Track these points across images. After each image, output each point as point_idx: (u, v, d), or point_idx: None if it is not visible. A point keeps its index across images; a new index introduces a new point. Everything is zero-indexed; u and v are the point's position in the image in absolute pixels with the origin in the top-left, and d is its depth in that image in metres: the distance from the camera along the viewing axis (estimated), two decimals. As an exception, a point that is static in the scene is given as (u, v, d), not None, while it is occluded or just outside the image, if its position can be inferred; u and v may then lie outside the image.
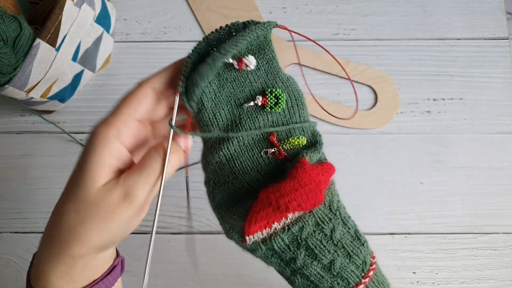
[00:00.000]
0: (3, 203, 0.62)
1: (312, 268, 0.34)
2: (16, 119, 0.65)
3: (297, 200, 0.32)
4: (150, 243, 0.32)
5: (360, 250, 0.36)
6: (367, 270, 0.35)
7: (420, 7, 0.68)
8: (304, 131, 0.36)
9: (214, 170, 0.35)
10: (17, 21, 0.48)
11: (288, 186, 0.32)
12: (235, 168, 0.34)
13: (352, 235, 0.36)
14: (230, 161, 0.34)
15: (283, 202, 0.32)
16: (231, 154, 0.34)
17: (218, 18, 0.68)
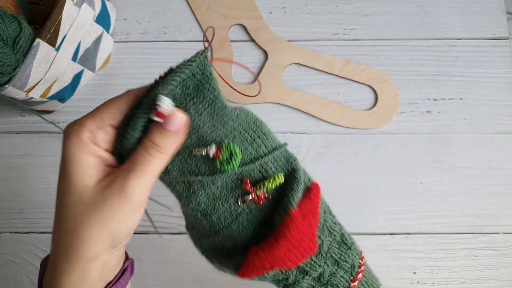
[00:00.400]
0: (3, 203, 0.62)
1: (303, 282, 0.34)
2: (16, 119, 0.65)
3: (292, 261, 0.31)
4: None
5: (348, 255, 0.35)
6: (355, 273, 0.35)
7: (420, 7, 0.68)
8: (277, 159, 0.33)
9: (192, 223, 0.33)
10: (17, 21, 0.48)
11: (281, 249, 0.30)
12: (214, 223, 0.32)
13: (338, 241, 0.35)
14: (206, 216, 0.32)
15: (278, 266, 0.31)
16: (203, 208, 0.32)
17: (218, 18, 0.68)
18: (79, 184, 0.29)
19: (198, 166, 0.31)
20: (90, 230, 0.29)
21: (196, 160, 0.31)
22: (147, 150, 0.29)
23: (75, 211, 0.29)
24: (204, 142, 0.31)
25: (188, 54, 0.69)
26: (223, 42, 0.67)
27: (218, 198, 0.32)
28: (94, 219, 0.28)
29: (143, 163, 0.29)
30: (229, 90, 0.65)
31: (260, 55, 0.67)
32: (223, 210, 0.32)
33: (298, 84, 0.65)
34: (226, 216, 0.32)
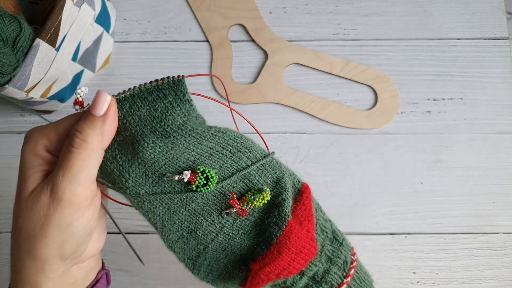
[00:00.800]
0: (3, 203, 0.62)
1: (300, 282, 0.34)
2: (16, 119, 0.65)
3: (296, 268, 0.32)
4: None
5: (340, 251, 0.36)
6: (348, 269, 0.36)
7: (420, 7, 0.68)
8: (261, 169, 0.33)
9: (181, 248, 0.33)
10: (17, 21, 0.48)
11: (285, 260, 0.31)
12: (200, 238, 0.32)
13: (330, 238, 0.36)
14: (192, 233, 0.32)
15: (283, 275, 0.31)
16: (187, 226, 0.32)
17: (218, 18, 0.68)
18: (23, 191, 0.27)
19: (173, 187, 0.30)
20: (35, 239, 0.27)
21: (170, 182, 0.30)
22: (71, 141, 0.27)
23: (22, 220, 0.27)
24: (176, 163, 0.29)
25: (188, 54, 0.70)
26: (223, 42, 0.67)
27: (200, 214, 0.32)
28: (35, 227, 0.27)
29: (67, 158, 0.26)
30: (229, 90, 0.65)
31: (260, 55, 0.67)
32: (207, 224, 0.32)
33: (298, 84, 0.65)
34: (211, 229, 0.32)
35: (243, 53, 0.67)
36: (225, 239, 0.33)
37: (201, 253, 0.33)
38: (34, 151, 0.28)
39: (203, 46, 0.67)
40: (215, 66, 0.66)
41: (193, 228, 0.32)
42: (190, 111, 0.29)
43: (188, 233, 0.32)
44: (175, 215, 0.31)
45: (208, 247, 0.33)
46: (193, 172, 0.30)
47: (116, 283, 0.59)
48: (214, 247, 0.33)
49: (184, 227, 0.32)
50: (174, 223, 0.31)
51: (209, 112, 0.65)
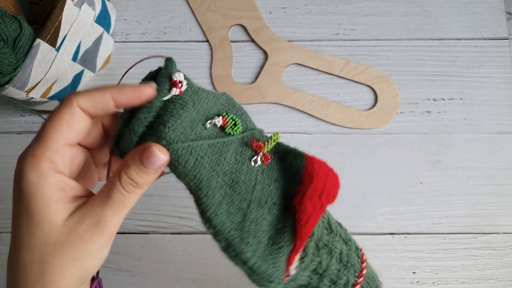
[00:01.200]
0: (3, 203, 0.63)
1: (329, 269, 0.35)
2: (16, 119, 0.65)
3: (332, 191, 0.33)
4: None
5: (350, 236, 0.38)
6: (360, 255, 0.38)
7: (420, 7, 0.68)
8: (261, 135, 0.36)
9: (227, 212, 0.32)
10: (17, 21, 0.48)
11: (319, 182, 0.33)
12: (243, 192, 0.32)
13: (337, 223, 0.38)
14: (235, 185, 0.32)
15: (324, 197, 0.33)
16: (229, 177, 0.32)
17: (218, 18, 0.68)
18: (44, 223, 0.26)
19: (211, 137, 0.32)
20: (60, 272, 0.26)
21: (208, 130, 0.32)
22: (126, 188, 0.27)
23: (42, 253, 0.26)
24: (205, 115, 0.32)
25: (188, 54, 0.70)
26: (223, 42, 0.67)
27: (237, 163, 0.33)
28: (66, 259, 0.26)
29: (119, 199, 0.27)
30: (229, 90, 0.65)
31: (260, 55, 0.67)
32: (245, 173, 0.33)
33: (298, 84, 0.66)
34: (250, 178, 0.33)
35: (243, 53, 0.67)
36: (262, 188, 0.33)
37: (246, 214, 0.32)
38: (44, 179, 0.26)
39: (203, 46, 0.67)
40: (215, 66, 0.66)
41: (235, 178, 0.32)
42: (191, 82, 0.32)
43: (231, 188, 0.32)
44: (218, 167, 0.31)
45: (251, 203, 0.32)
46: (222, 117, 0.33)
47: (116, 283, 0.59)
48: (256, 201, 0.33)
49: (227, 180, 0.32)
50: (218, 175, 0.31)
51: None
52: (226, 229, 0.31)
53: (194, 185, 0.30)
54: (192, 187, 0.30)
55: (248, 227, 0.32)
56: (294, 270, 0.33)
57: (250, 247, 0.31)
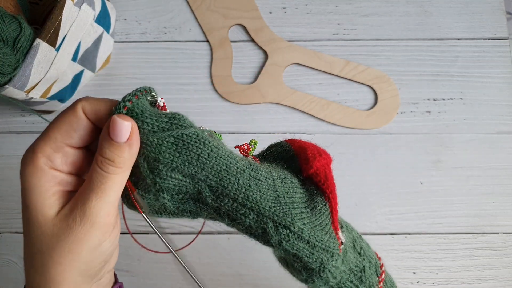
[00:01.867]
0: (3, 203, 0.62)
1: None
2: (16, 119, 0.65)
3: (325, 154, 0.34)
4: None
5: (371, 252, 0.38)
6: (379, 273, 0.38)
7: (420, 7, 0.68)
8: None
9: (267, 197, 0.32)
10: (17, 21, 0.48)
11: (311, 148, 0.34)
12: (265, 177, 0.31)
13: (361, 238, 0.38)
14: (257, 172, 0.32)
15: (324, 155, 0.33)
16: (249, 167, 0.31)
17: (218, 18, 0.68)
18: (40, 217, 0.26)
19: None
20: (58, 265, 0.26)
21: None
22: (100, 166, 0.27)
23: (41, 246, 0.26)
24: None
25: (188, 54, 0.70)
26: (223, 42, 0.67)
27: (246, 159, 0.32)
28: (61, 253, 0.26)
29: (99, 180, 0.26)
30: (229, 90, 0.66)
31: (260, 55, 0.67)
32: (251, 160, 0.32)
33: (298, 84, 0.65)
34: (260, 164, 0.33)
35: (243, 53, 0.67)
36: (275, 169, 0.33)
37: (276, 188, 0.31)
38: (39, 174, 0.27)
39: (203, 46, 0.67)
40: (215, 66, 0.66)
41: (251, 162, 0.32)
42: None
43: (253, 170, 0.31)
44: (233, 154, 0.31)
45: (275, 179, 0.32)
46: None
47: (116, 283, 0.59)
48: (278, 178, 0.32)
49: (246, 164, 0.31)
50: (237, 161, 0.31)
51: (209, 112, 0.65)
52: (265, 208, 0.30)
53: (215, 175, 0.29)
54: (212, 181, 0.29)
55: (284, 200, 0.31)
56: (342, 236, 0.33)
57: (296, 216, 0.31)
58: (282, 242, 0.31)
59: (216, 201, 0.30)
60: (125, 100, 0.27)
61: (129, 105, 0.27)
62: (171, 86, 0.66)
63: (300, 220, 0.31)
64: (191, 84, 0.66)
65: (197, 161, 0.29)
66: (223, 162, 0.29)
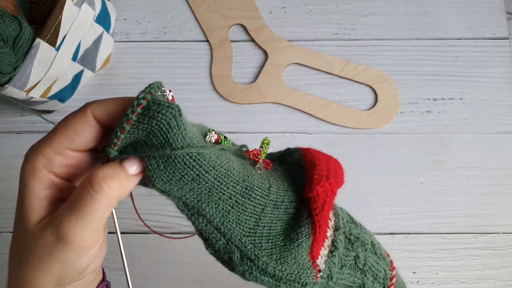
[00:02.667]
0: (3, 203, 0.62)
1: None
2: (16, 119, 0.65)
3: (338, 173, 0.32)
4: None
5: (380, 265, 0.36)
6: (387, 285, 0.36)
7: (420, 7, 0.68)
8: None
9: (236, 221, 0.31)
10: (17, 21, 0.48)
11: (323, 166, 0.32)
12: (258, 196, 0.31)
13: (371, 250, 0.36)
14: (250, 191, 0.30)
15: (333, 177, 0.31)
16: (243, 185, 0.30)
17: (218, 18, 0.68)
18: (24, 217, 0.26)
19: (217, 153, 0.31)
20: (30, 268, 0.26)
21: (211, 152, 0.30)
22: (91, 184, 0.25)
23: (19, 245, 0.27)
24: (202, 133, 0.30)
25: (188, 54, 0.70)
26: (223, 42, 0.67)
27: (246, 170, 0.31)
28: (34, 258, 0.26)
29: (85, 202, 0.25)
30: (229, 90, 0.66)
31: (260, 55, 0.67)
32: (257, 179, 0.31)
33: (298, 84, 0.66)
34: (263, 181, 0.31)
35: (243, 53, 0.67)
36: (278, 188, 0.32)
37: (259, 218, 0.31)
38: (36, 175, 0.26)
39: (203, 46, 0.67)
40: (215, 66, 0.66)
41: (248, 186, 0.30)
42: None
43: (243, 196, 0.30)
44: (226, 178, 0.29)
45: (265, 206, 0.31)
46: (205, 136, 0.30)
47: (116, 283, 0.59)
48: (272, 204, 0.31)
49: (239, 189, 0.30)
50: (228, 187, 0.29)
51: (209, 112, 0.65)
52: (237, 236, 0.30)
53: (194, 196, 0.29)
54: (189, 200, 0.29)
55: (262, 230, 0.31)
56: (323, 264, 0.31)
57: (264, 251, 0.30)
58: (245, 274, 0.30)
59: (191, 218, 0.30)
60: (139, 98, 0.26)
61: (144, 103, 0.26)
62: (171, 86, 0.66)
63: (267, 256, 0.30)
64: (191, 84, 0.66)
65: (178, 180, 0.28)
66: (206, 186, 0.28)
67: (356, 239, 0.34)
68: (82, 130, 0.27)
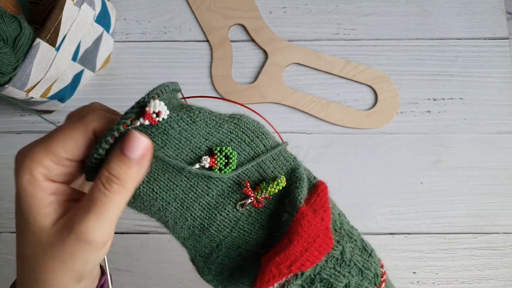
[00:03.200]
0: (3, 203, 0.62)
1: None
2: (16, 119, 0.65)
3: (310, 260, 0.29)
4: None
5: (370, 263, 0.34)
6: (379, 283, 0.34)
7: (420, 7, 0.68)
8: (276, 159, 0.32)
9: (193, 245, 0.31)
10: (17, 21, 0.48)
11: (297, 249, 0.28)
12: (213, 235, 0.30)
13: (359, 247, 0.33)
14: (204, 230, 0.30)
15: (296, 268, 0.28)
16: (199, 223, 0.30)
17: (218, 18, 0.68)
18: (35, 224, 0.26)
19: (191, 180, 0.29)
20: (52, 271, 0.26)
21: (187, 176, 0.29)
22: (106, 184, 0.25)
23: (35, 251, 0.26)
24: (199, 151, 0.29)
25: (188, 54, 0.70)
26: (223, 42, 0.67)
27: (215, 208, 0.30)
28: (55, 261, 0.26)
29: (101, 202, 0.25)
30: (229, 90, 0.66)
31: (260, 55, 0.67)
32: (221, 219, 0.30)
33: (298, 84, 0.65)
34: (225, 224, 0.30)
35: (243, 53, 0.67)
36: (240, 234, 0.31)
37: (214, 250, 0.31)
38: (35, 184, 0.26)
39: (203, 46, 0.67)
40: (215, 66, 0.66)
41: (206, 224, 0.30)
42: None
43: (200, 230, 0.30)
44: (188, 211, 0.29)
45: (221, 245, 0.31)
46: (211, 156, 0.28)
47: (116, 283, 0.59)
48: (228, 244, 0.31)
49: (197, 224, 0.30)
50: (186, 220, 0.30)
51: (209, 112, 0.65)
52: (192, 253, 0.32)
53: (163, 221, 0.30)
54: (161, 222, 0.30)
55: (214, 260, 0.31)
56: None
57: (211, 272, 0.31)
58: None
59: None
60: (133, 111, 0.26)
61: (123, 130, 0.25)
62: (171, 86, 0.66)
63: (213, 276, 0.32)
64: (191, 84, 0.66)
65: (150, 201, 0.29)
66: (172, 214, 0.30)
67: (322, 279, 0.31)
68: (83, 144, 0.26)
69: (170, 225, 0.30)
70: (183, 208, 0.29)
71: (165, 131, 0.27)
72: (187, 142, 0.28)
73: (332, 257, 0.31)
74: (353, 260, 0.32)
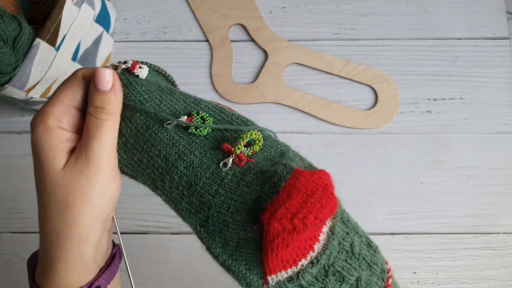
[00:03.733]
0: (3, 203, 0.62)
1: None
2: (16, 119, 0.65)
3: (313, 212, 0.28)
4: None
5: (377, 258, 0.33)
6: (386, 278, 0.33)
7: (420, 7, 0.68)
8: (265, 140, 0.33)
9: (188, 210, 0.32)
10: (17, 20, 0.48)
11: (296, 201, 0.28)
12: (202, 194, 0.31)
13: (365, 242, 0.33)
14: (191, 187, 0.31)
15: (298, 221, 0.27)
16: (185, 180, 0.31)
17: (218, 18, 0.68)
18: (52, 169, 0.29)
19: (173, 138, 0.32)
20: (76, 208, 0.29)
21: (168, 133, 0.32)
22: (95, 114, 0.30)
23: (55, 195, 0.29)
24: (177, 115, 0.32)
25: (188, 54, 0.70)
26: (223, 42, 0.67)
27: (199, 167, 0.31)
28: (75, 195, 0.29)
29: (96, 127, 0.30)
30: (229, 90, 0.66)
31: (260, 55, 0.67)
32: (206, 177, 0.31)
33: (298, 84, 0.65)
34: (211, 182, 0.31)
35: (243, 53, 0.67)
36: (227, 193, 0.31)
37: (209, 216, 0.31)
38: (50, 132, 0.30)
39: (203, 46, 0.67)
40: (215, 66, 0.66)
41: (192, 182, 0.31)
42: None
43: (188, 190, 0.31)
44: (173, 168, 0.31)
45: (211, 206, 0.31)
46: (189, 116, 0.32)
47: (116, 283, 0.59)
48: (218, 206, 0.31)
49: (183, 183, 0.31)
50: (173, 178, 0.31)
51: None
52: (191, 222, 0.32)
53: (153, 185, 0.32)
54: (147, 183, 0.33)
55: (213, 228, 0.31)
56: (275, 284, 0.30)
57: (217, 244, 0.31)
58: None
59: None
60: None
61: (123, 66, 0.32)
62: (171, 86, 0.66)
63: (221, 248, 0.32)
64: (191, 84, 0.66)
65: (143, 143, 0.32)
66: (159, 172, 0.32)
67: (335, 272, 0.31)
68: (79, 88, 0.31)
69: (160, 185, 0.32)
70: (168, 165, 0.31)
71: (148, 90, 0.32)
72: (167, 106, 0.32)
73: (343, 249, 0.31)
74: (361, 254, 0.32)
